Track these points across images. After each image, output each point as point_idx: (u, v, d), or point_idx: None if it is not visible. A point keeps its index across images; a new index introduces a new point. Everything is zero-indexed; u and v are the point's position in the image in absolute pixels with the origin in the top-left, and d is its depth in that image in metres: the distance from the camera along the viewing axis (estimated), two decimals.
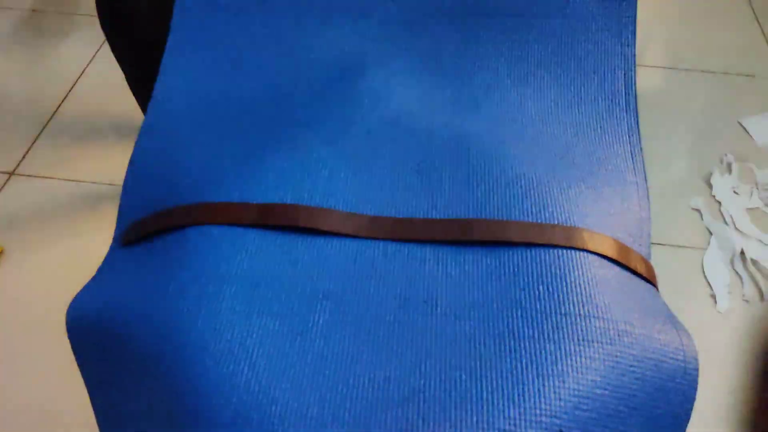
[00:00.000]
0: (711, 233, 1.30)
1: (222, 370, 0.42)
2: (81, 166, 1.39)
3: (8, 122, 1.48)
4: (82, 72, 1.61)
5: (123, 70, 1.12)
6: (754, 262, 1.24)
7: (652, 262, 1.23)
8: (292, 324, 0.46)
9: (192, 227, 0.52)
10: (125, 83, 1.21)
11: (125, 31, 1.02)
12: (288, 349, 0.44)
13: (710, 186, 1.38)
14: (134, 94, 1.18)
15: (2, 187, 1.34)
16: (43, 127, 1.47)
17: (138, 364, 0.46)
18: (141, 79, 1.12)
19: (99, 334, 0.50)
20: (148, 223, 0.56)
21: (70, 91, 1.56)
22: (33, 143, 1.44)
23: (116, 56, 1.09)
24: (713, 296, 1.20)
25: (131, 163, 0.63)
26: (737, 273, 1.23)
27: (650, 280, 0.56)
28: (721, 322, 1.16)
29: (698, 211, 1.34)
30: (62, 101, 1.54)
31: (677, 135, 1.49)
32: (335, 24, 0.72)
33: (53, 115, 1.50)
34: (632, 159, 0.64)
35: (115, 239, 0.60)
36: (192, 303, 0.46)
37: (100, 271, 0.58)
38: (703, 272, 1.24)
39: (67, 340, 1.06)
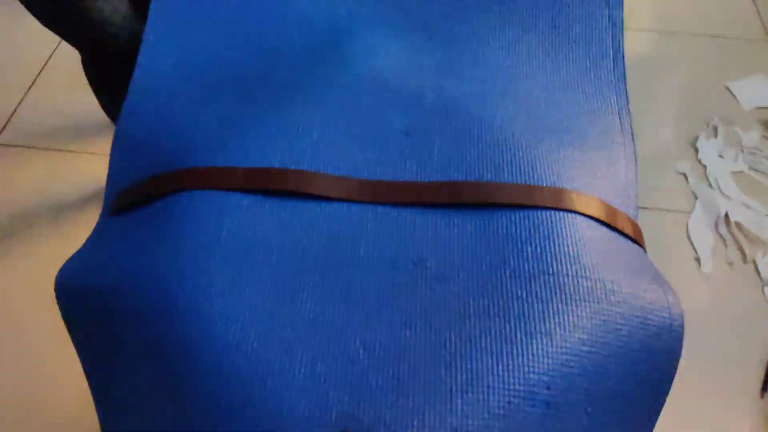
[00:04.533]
0: (696, 197, 1.31)
1: (213, 333, 0.43)
2: (62, 135, 1.36)
3: None
4: (61, 40, 1.57)
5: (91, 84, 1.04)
6: (738, 224, 1.26)
7: (639, 225, 1.23)
8: (284, 288, 0.46)
9: (180, 193, 0.52)
10: None
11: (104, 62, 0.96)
12: (279, 312, 0.44)
13: (696, 150, 1.39)
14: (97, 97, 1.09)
15: None
16: (23, 96, 1.44)
17: (128, 327, 0.46)
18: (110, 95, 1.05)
19: (88, 300, 0.50)
20: (136, 191, 0.56)
21: (49, 58, 1.53)
22: (13, 113, 1.41)
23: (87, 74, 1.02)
24: (697, 259, 1.21)
25: (117, 131, 0.62)
26: (721, 236, 1.24)
27: (637, 240, 0.56)
28: (705, 284, 1.18)
29: (684, 174, 1.35)
30: (42, 69, 1.50)
31: (664, 99, 1.49)
32: None
33: (32, 83, 1.47)
34: (620, 121, 0.64)
35: (104, 208, 0.60)
36: (182, 267, 0.46)
37: (89, 239, 0.58)
38: (688, 235, 1.25)
39: (55, 306, 1.06)
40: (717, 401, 1.03)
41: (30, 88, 1.47)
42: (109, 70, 0.96)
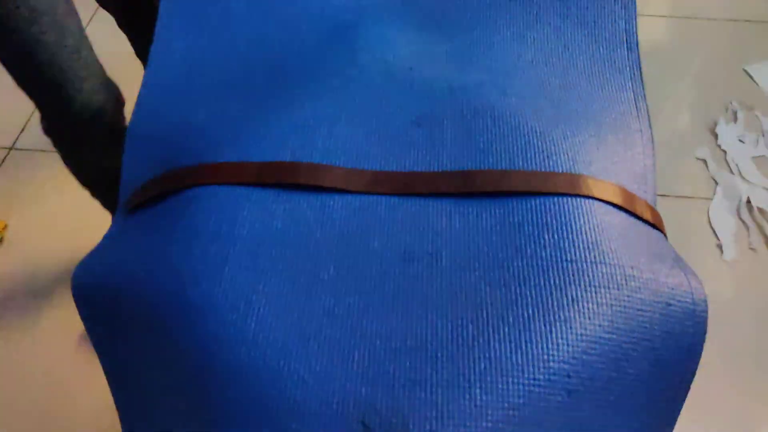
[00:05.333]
0: (717, 183, 1.29)
1: (229, 329, 0.42)
2: None
3: (3, 99, 1.46)
4: None
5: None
6: (761, 210, 1.23)
7: (659, 213, 1.22)
8: (298, 281, 0.45)
9: (193, 188, 0.52)
10: (120, 51, 1.17)
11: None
12: (294, 306, 0.44)
13: (716, 135, 1.36)
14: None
15: (2, 162, 1.34)
16: None
17: (145, 324, 0.46)
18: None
19: (105, 297, 0.50)
20: (150, 188, 0.56)
21: None
22: (29, 117, 1.43)
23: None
24: (720, 246, 1.19)
25: (130, 129, 0.62)
26: (743, 222, 1.22)
27: (657, 225, 0.55)
28: (728, 271, 1.16)
29: (704, 161, 1.33)
30: None
31: (681, 85, 1.46)
32: None
33: None
34: (636, 106, 0.63)
35: (119, 207, 0.60)
36: (196, 263, 0.46)
37: (105, 237, 0.58)
38: (710, 222, 1.23)
39: (73, 311, 1.07)
40: (742, 390, 1.01)
41: None
42: (77, 149, 0.86)
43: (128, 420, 0.50)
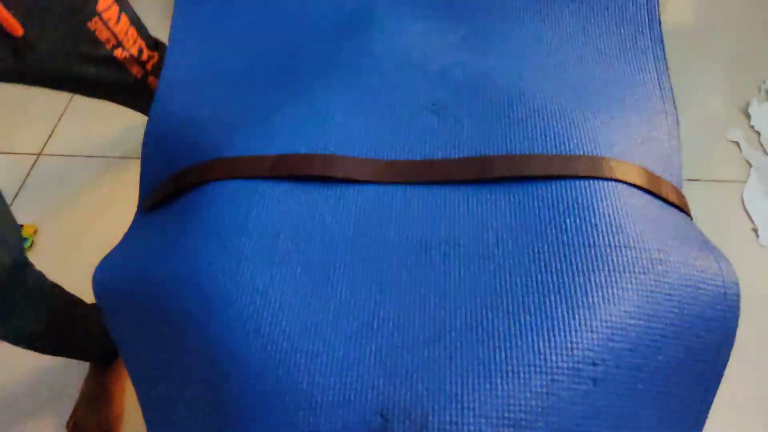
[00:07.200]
0: (751, 165, 1.24)
1: (246, 322, 0.42)
2: (105, 142, 1.40)
3: (32, 106, 1.49)
4: None
5: None
6: None
7: (691, 198, 1.18)
8: (314, 273, 0.45)
9: (208, 184, 0.52)
10: None
11: None
12: (311, 298, 0.43)
13: (748, 116, 1.32)
14: None
15: (31, 168, 1.36)
16: (65, 108, 1.49)
17: (164, 320, 0.46)
18: None
19: (125, 293, 0.50)
20: (167, 186, 0.56)
21: None
22: (57, 123, 1.45)
23: None
24: (755, 230, 1.15)
25: (147, 129, 0.63)
26: None
27: (683, 208, 0.53)
28: (764, 255, 1.12)
29: (736, 143, 1.28)
30: None
31: (710, 64, 1.42)
32: None
33: (73, 95, 1.50)
34: (660, 87, 0.61)
35: (139, 206, 0.61)
36: (213, 257, 0.46)
37: (125, 236, 0.58)
38: (744, 206, 1.19)
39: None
40: None
41: (72, 98, 1.51)
42: None
43: (152, 419, 0.50)
